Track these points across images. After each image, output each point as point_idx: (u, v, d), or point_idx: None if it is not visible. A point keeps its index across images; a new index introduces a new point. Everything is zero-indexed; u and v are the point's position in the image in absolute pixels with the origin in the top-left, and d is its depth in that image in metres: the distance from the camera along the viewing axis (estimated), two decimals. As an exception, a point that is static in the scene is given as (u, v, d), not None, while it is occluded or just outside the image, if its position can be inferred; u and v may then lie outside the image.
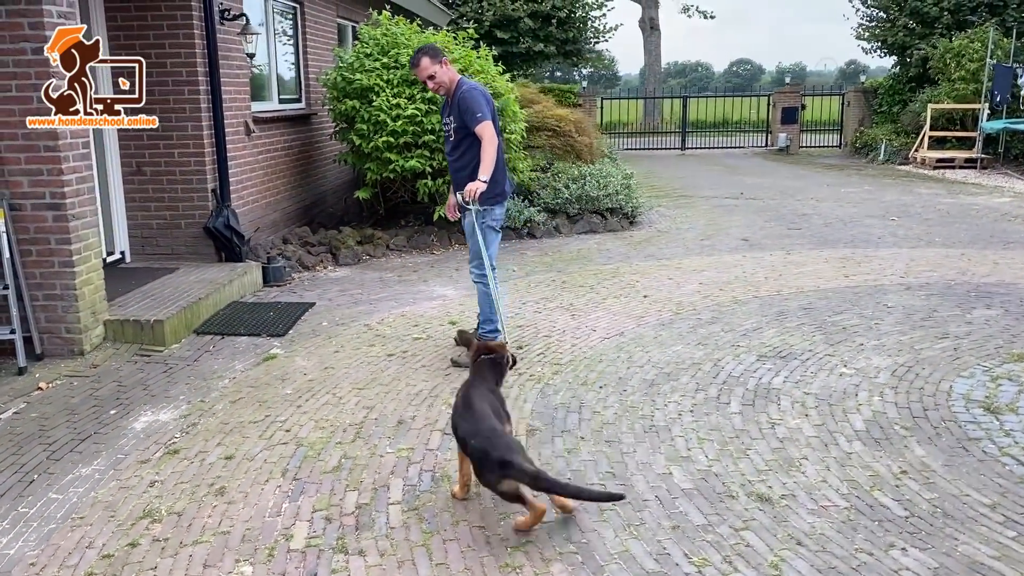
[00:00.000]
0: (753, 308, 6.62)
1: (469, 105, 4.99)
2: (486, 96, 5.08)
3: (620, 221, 10.68)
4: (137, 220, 7.52)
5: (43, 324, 5.47)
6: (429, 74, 5.06)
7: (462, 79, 5.15)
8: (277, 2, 9.35)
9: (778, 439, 4.17)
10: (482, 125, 4.94)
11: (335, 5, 11.18)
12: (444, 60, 5.09)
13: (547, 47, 21.03)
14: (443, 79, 5.08)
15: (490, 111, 5.03)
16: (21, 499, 3.71)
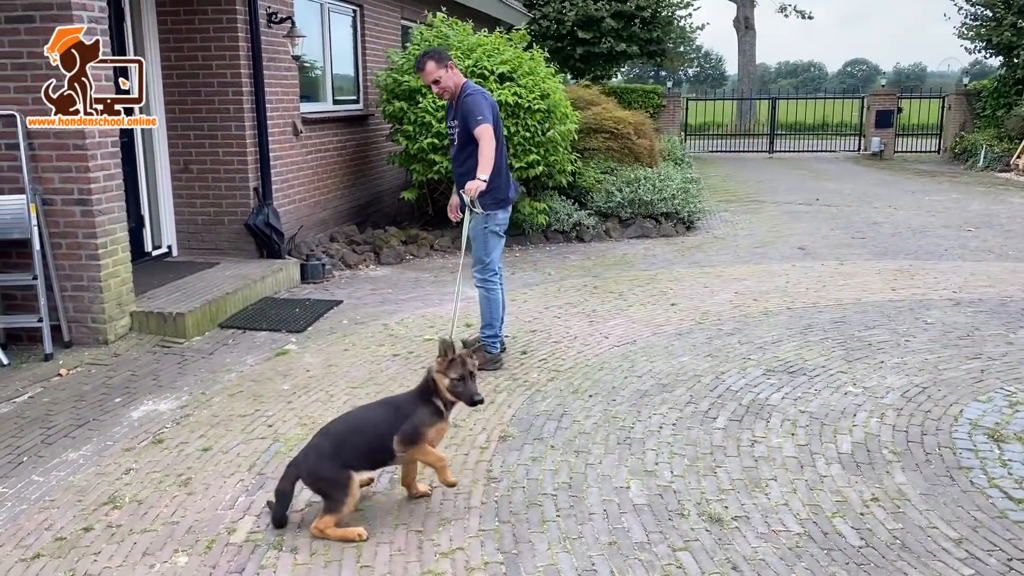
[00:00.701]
0: (781, 320, 6.39)
1: (471, 108, 5.00)
2: (489, 101, 5.08)
3: (675, 226, 10.48)
4: (184, 216, 7.83)
5: (71, 314, 5.77)
6: (434, 78, 5.09)
7: (467, 83, 5.17)
8: (336, 4, 9.56)
9: (753, 458, 4.02)
10: (481, 127, 4.94)
11: (400, 7, 11.36)
12: (450, 64, 5.11)
13: (630, 47, 20.82)
14: (448, 83, 5.10)
15: (492, 116, 5.02)
16: (4, 479, 3.92)
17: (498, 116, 5.17)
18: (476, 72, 8.88)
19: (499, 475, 3.88)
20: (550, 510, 3.55)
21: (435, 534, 3.38)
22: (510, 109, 8.83)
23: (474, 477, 3.86)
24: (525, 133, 8.90)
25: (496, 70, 8.93)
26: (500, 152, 5.16)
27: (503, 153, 5.22)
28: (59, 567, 3.18)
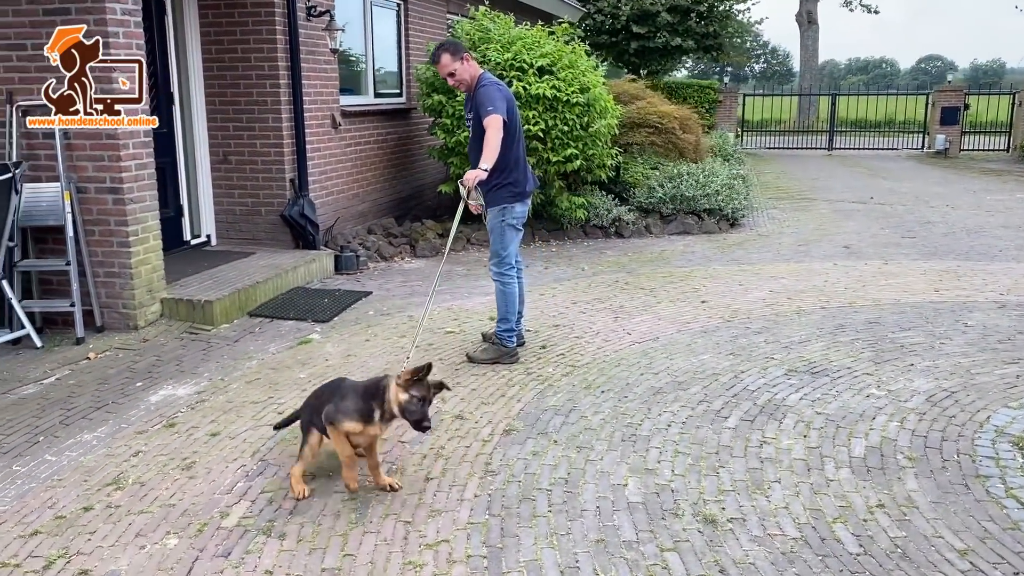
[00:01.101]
0: (813, 320, 6.22)
1: (483, 99, 4.97)
2: (503, 92, 5.04)
3: (718, 223, 10.29)
4: (223, 206, 7.97)
5: (103, 299, 5.91)
6: (449, 71, 5.07)
7: (484, 75, 5.13)
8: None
9: (760, 459, 3.91)
10: (489, 117, 4.90)
11: (445, 1, 11.37)
12: (465, 56, 5.09)
13: (685, 42, 20.52)
14: (463, 76, 5.08)
15: (505, 107, 4.97)
16: (20, 458, 4.03)
17: (514, 108, 5.12)
18: (515, 65, 8.84)
19: (497, 468, 3.85)
20: (542, 505, 3.51)
21: (423, 525, 3.37)
22: (548, 103, 8.77)
23: (472, 470, 3.83)
24: (563, 127, 8.83)
25: (535, 63, 8.87)
26: (517, 144, 5.12)
27: (520, 145, 5.18)
28: (54, 544, 3.25)
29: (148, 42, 7.05)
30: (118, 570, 3.09)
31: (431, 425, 3.48)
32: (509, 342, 5.28)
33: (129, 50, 5.68)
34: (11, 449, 4.13)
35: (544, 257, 8.72)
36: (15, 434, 4.30)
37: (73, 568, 3.10)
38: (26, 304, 5.78)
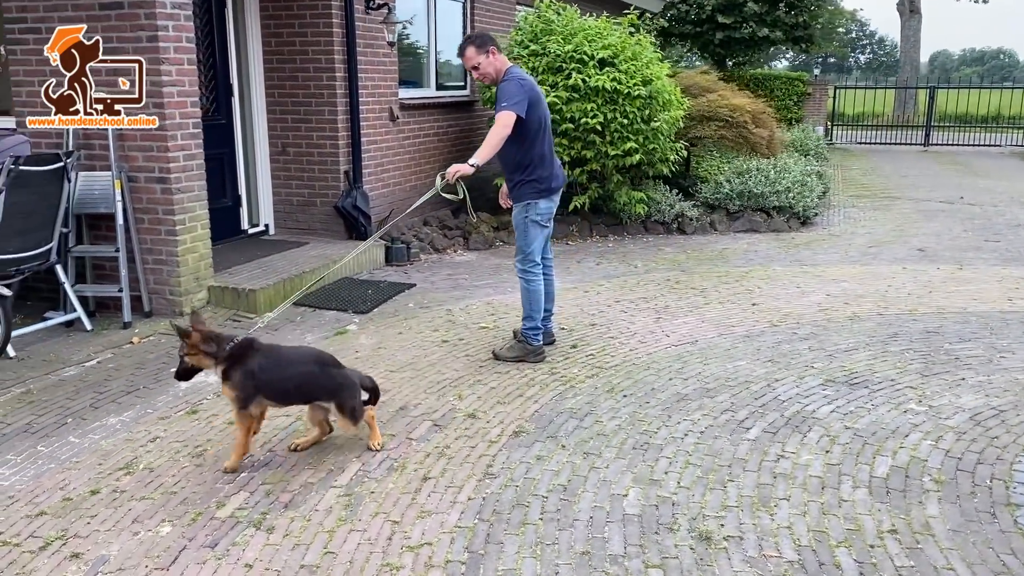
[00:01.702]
0: (866, 327, 5.93)
1: (501, 94, 4.88)
2: (525, 88, 4.90)
3: (788, 221, 9.93)
4: (281, 196, 8.12)
5: (152, 285, 6.09)
6: (473, 64, 5.01)
7: (510, 69, 5.04)
8: (443, -10, 9.62)
9: (773, 474, 3.73)
10: (500, 114, 4.81)
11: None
12: (492, 50, 5.00)
13: (773, 32, 19.87)
14: (487, 69, 5.01)
15: (523, 104, 4.83)
16: (46, 439, 4.18)
17: (539, 104, 4.98)
18: (575, 57, 8.71)
19: (498, 471, 3.78)
20: (535, 512, 3.43)
21: (411, 526, 3.34)
22: (608, 95, 8.61)
23: (471, 471, 3.78)
24: (623, 120, 8.66)
25: (596, 55, 8.72)
26: (542, 140, 5.01)
27: (547, 142, 5.06)
28: (55, 526, 3.35)
29: (207, 35, 7.25)
30: (108, 555, 3.16)
31: (176, 373, 3.80)
32: (535, 340, 5.20)
33: (179, 43, 5.81)
34: (40, 430, 4.28)
35: (599, 253, 8.58)
36: (47, 415, 4.47)
37: (67, 551, 3.19)
38: (79, 288, 6.00)
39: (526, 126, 4.90)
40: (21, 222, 5.38)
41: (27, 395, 4.73)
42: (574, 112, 8.56)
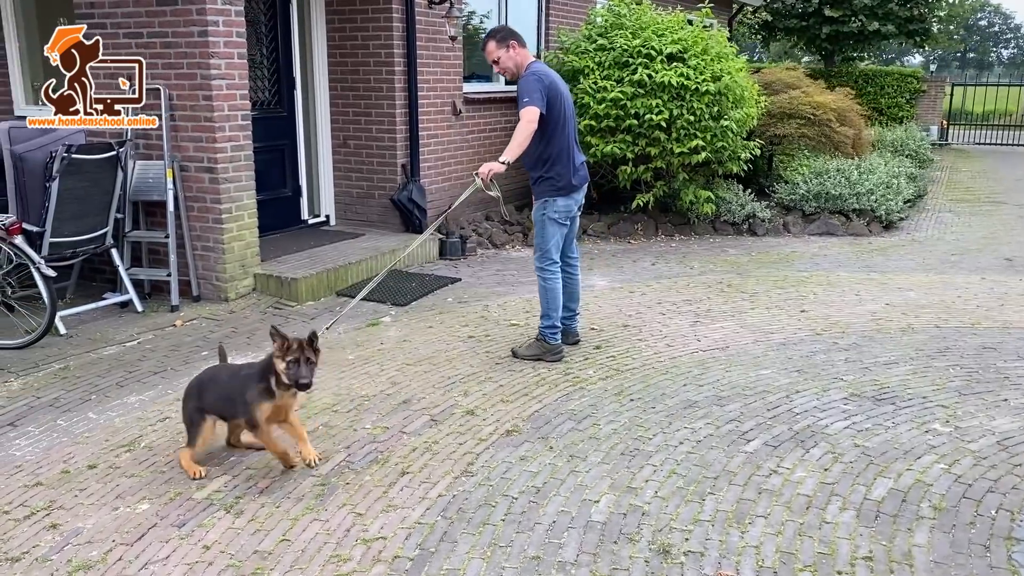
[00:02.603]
0: (916, 340, 5.59)
1: (521, 90, 4.84)
2: (546, 82, 4.83)
3: (868, 225, 9.47)
4: (341, 188, 8.31)
5: (200, 271, 6.34)
6: (493, 58, 4.99)
7: (532, 64, 4.98)
8: (516, -15, 9.59)
9: (759, 490, 3.57)
10: (523, 110, 4.75)
11: (596, -14, 11.15)
12: (512, 44, 4.96)
13: (884, 26, 18.95)
14: (507, 64, 4.97)
15: (543, 98, 4.77)
16: (67, 413, 4.42)
17: (560, 99, 4.91)
18: (643, 52, 8.55)
19: (476, 470, 3.76)
20: (499, 513, 3.39)
21: (372, 519, 3.36)
22: (674, 91, 8.42)
23: (450, 468, 3.77)
24: (690, 116, 8.44)
25: (665, 50, 8.53)
26: (563, 136, 4.94)
27: (568, 137, 4.98)
28: (46, 497, 3.54)
29: (271, 31, 7.47)
30: (83, 528, 3.31)
31: (310, 382, 3.52)
32: (552, 339, 5.13)
33: (229, 37, 6.01)
34: (64, 404, 4.52)
35: (658, 253, 8.40)
36: (75, 391, 4.71)
37: (48, 521, 3.36)
38: (134, 272, 6.30)
39: (545, 121, 4.85)
40: (76, 207, 5.68)
41: (64, 371, 5.00)
42: (638, 108, 8.40)
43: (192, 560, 3.09)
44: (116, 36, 6.16)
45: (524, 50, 5.02)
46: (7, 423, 4.28)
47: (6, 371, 4.94)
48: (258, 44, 7.36)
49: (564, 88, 5.07)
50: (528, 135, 4.72)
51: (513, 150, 4.75)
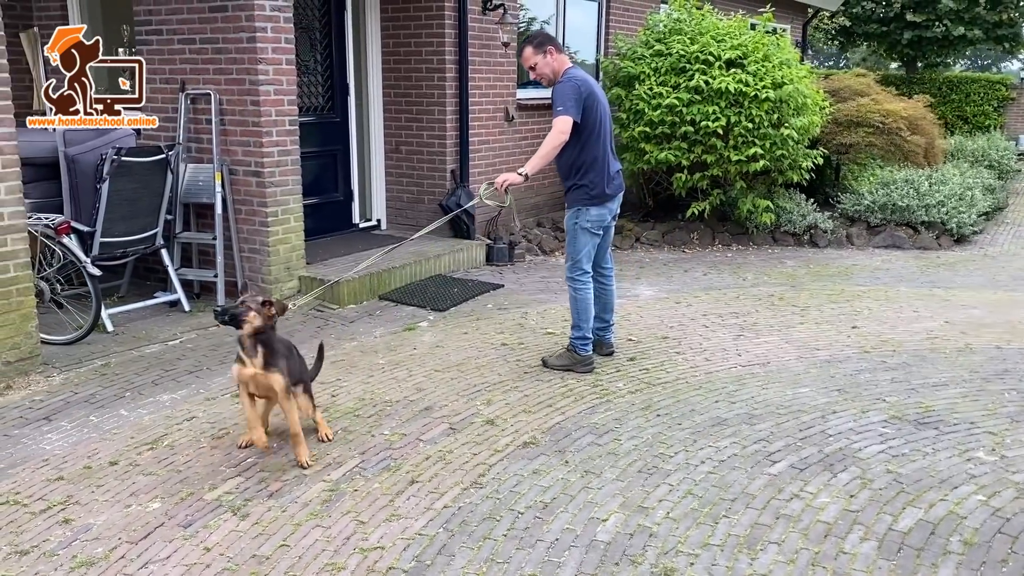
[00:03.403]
0: (973, 361, 5.30)
1: (555, 98, 4.77)
2: (581, 91, 4.73)
3: (938, 238, 9.07)
4: (393, 193, 8.36)
5: (247, 273, 6.44)
6: (530, 64, 4.94)
7: (569, 70, 4.90)
8: (575, -10, 9.51)
9: (776, 515, 3.42)
10: (556, 119, 4.67)
11: (659, -9, 10.99)
12: (550, 50, 4.89)
13: (970, 31, 18.20)
14: (544, 70, 4.91)
15: (578, 107, 4.67)
16: (101, 410, 4.52)
17: (596, 106, 4.81)
18: (700, 58, 8.38)
19: (486, 482, 3.70)
20: (503, 527, 3.33)
21: (374, 528, 3.33)
22: (732, 98, 8.22)
23: (460, 479, 3.72)
24: (747, 124, 8.23)
25: (723, 55, 8.34)
26: (597, 144, 4.84)
27: (603, 146, 4.88)
28: (64, 491, 3.62)
29: (325, 37, 7.57)
30: (93, 524, 3.37)
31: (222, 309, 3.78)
32: (583, 350, 5.04)
33: (277, 43, 6.10)
34: (99, 401, 4.64)
35: (712, 263, 8.21)
36: (112, 387, 4.83)
37: (62, 516, 3.43)
38: (183, 272, 6.45)
39: (580, 128, 4.77)
40: (126, 208, 5.84)
41: (105, 367, 5.13)
42: (694, 114, 8.24)
43: (191, 561, 3.11)
44: (171, 42, 6.32)
45: (562, 56, 4.96)
46: (43, 417, 4.41)
47: (50, 366, 5.09)
48: (312, 50, 7.46)
49: (601, 95, 4.98)
50: (556, 147, 4.66)
51: (536, 162, 4.71)
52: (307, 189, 7.31)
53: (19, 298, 4.87)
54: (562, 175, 5.02)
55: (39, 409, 4.50)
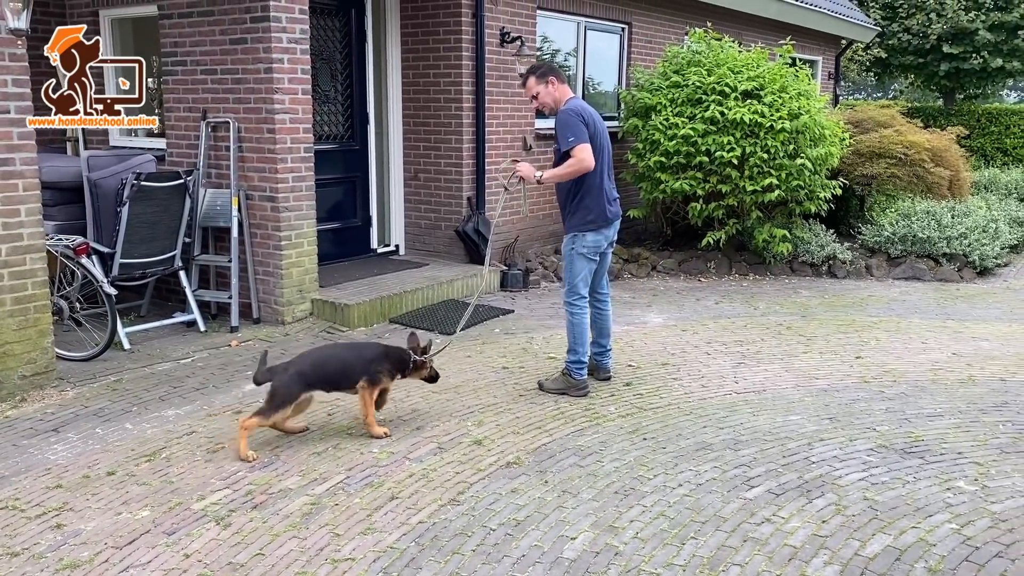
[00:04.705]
0: (973, 392, 5.27)
1: (560, 127, 4.90)
2: (584, 118, 4.86)
3: (960, 270, 8.97)
4: (411, 219, 8.54)
5: (261, 295, 6.64)
6: (532, 94, 5.08)
7: (570, 100, 5.03)
8: (595, 22, 9.66)
9: (744, 538, 3.45)
10: (576, 147, 4.80)
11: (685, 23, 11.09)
12: (551, 80, 5.04)
13: (1009, 63, 18.00)
14: (545, 99, 5.06)
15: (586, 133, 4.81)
16: (107, 423, 4.71)
17: (598, 132, 4.94)
18: (717, 89, 8.47)
19: (464, 499, 3.79)
20: (472, 543, 3.41)
21: (348, 541, 3.43)
22: (747, 128, 8.28)
23: (439, 496, 3.81)
24: (763, 154, 8.28)
25: (739, 86, 8.42)
26: (598, 171, 4.94)
27: (602, 172, 5.00)
28: (61, 499, 3.79)
29: (346, 67, 7.81)
30: (83, 529, 3.52)
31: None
32: (577, 375, 5.11)
33: (294, 74, 6.33)
34: (107, 415, 4.83)
35: (725, 292, 8.23)
36: (121, 402, 5.02)
37: (55, 521, 3.59)
38: (200, 293, 6.67)
39: None
40: (145, 231, 6.08)
41: (117, 383, 5.33)
42: (710, 145, 8.31)
43: (170, 567, 3.25)
44: (194, 72, 6.60)
45: (563, 86, 5.10)
46: (51, 428, 4.60)
47: (65, 381, 5.31)
48: (332, 80, 7.70)
49: (600, 123, 5.10)
50: (578, 172, 4.84)
51: (553, 175, 4.94)
52: (326, 215, 7.54)
53: (36, 315, 5.10)
54: (560, 201, 5.14)
55: (49, 421, 4.70)
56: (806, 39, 13.82)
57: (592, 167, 4.86)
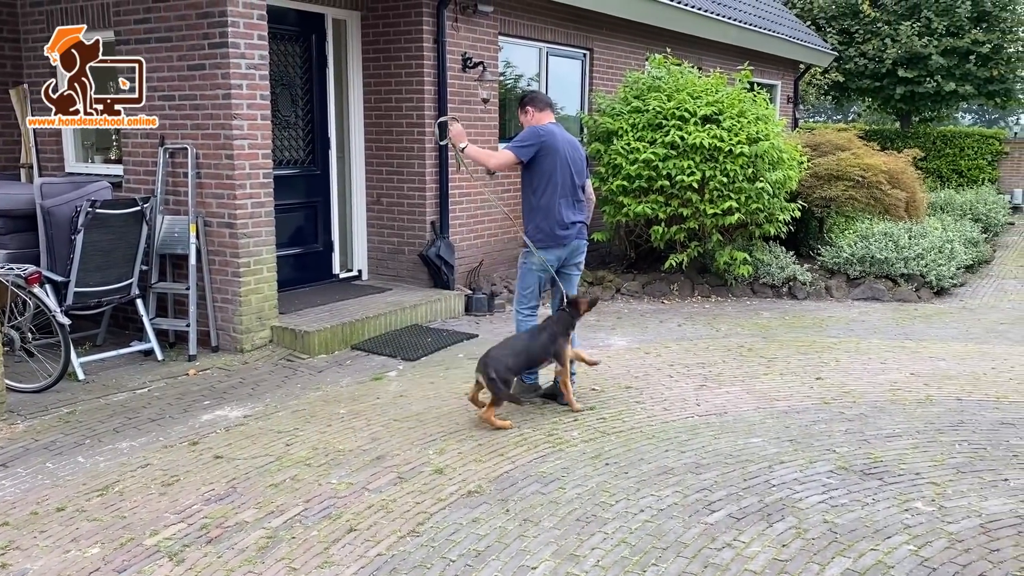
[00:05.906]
0: (931, 412, 5.33)
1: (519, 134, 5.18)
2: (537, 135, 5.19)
3: (918, 290, 9.12)
4: (374, 244, 8.50)
5: (220, 323, 6.55)
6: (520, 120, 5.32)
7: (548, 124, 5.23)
8: (557, 48, 9.74)
9: (705, 563, 3.44)
10: (503, 149, 5.26)
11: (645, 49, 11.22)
12: (528, 109, 5.36)
13: (961, 87, 18.43)
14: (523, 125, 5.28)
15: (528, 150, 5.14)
16: (58, 457, 4.60)
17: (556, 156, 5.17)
18: (676, 114, 8.56)
19: (424, 530, 3.74)
20: (432, 575, 3.36)
21: (305, 575, 3.36)
22: (707, 152, 8.37)
23: (398, 528, 3.76)
24: (722, 178, 8.37)
25: (699, 111, 8.51)
26: (549, 193, 5.15)
27: (552, 195, 5.17)
28: (7, 537, 3.68)
29: (307, 92, 7.78)
30: (30, 568, 3.42)
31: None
32: (527, 379, 5.30)
33: (252, 100, 6.29)
34: (58, 448, 4.71)
35: (688, 314, 8.27)
36: (73, 435, 4.91)
37: (0, 560, 3.48)
38: (157, 322, 6.56)
39: (533, 174, 5.17)
40: (101, 259, 5.98)
41: (70, 415, 5.22)
42: (670, 169, 8.38)
43: (119, 606, 3.16)
44: (152, 98, 6.52)
45: (541, 114, 5.36)
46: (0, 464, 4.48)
47: (15, 414, 5.18)
48: (293, 105, 7.67)
49: (565, 149, 5.24)
50: (489, 163, 5.36)
51: (473, 152, 5.32)
52: (286, 240, 7.48)
53: (-14, 346, 4.98)
54: (523, 215, 5.31)
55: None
56: (765, 64, 14.05)
57: (499, 169, 5.43)
